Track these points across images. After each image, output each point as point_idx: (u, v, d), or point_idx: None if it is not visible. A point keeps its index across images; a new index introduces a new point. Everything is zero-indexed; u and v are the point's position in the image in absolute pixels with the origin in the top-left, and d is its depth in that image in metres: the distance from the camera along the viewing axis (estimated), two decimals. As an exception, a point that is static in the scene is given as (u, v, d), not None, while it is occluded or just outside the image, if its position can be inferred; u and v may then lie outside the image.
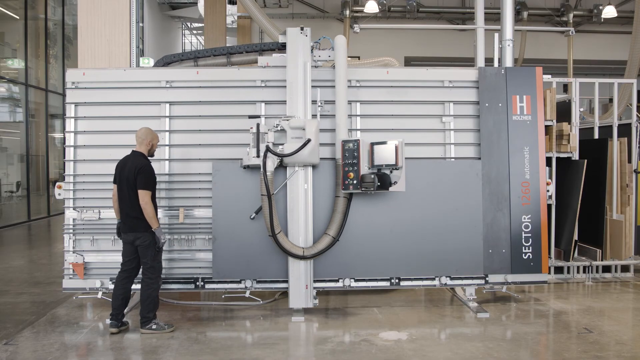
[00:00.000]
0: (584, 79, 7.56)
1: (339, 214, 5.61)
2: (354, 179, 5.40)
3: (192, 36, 27.72)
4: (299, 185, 5.63)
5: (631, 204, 7.37)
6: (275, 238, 5.43)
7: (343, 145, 5.50)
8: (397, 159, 5.29)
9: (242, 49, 6.38)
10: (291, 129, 5.53)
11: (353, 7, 16.91)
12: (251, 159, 5.44)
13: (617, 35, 17.82)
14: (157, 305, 5.19)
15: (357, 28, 9.71)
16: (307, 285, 5.62)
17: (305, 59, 5.72)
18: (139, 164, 5.09)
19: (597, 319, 5.53)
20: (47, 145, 15.12)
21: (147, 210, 5.02)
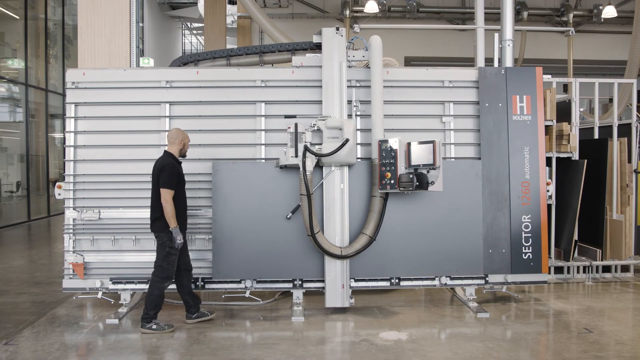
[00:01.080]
0: (584, 79, 7.56)
1: (375, 214, 5.62)
2: (391, 179, 5.42)
3: (192, 36, 27.73)
4: (335, 185, 5.65)
5: (631, 204, 7.37)
6: (315, 238, 5.45)
7: (380, 145, 5.52)
8: (435, 159, 5.28)
9: (275, 48, 6.40)
10: (327, 128, 5.56)
11: (353, 7, 16.92)
12: (289, 159, 5.46)
13: (617, 35, 17.82)
14: (159, 305, 5.19)
15: (357, 28, 9.70)
16: (343, 284, 5.65)
17: (340, 59, 5.76)
18: (163, 162, 5.16)
19: (597, 319, 5.53)
20: (47, 145, 15.12)
21: (166, 208, 5.04)
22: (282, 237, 5.75)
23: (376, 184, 5.58)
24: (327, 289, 5.67)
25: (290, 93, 5.97)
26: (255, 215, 5.76)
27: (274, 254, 5.75)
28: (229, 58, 6.42)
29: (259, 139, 5.92)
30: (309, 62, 5.96)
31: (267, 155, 5.91)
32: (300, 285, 5.80)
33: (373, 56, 5.73)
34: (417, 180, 5.30)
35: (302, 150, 5.37)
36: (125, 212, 5.84)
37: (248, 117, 5.95)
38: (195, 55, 6.51)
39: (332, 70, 5.74)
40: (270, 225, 5.75)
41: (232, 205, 5.75)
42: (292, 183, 5.76)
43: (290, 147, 5.48)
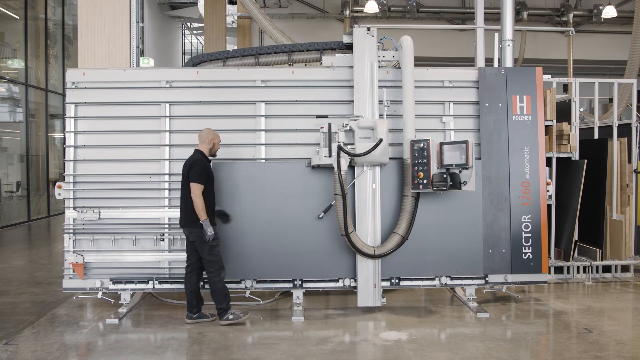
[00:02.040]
0: (584, 79, 7.56)
1: (407, 213, 5.63)
2: (423, 179, 5.44)
3: (192, 36, 27.75)
4: (367, 185, 5.66)
5: (631, 204, 7.37)
6: (349, 237, 5.46)
7: (412, 145, 5.54)
8: (468, 159, 5.29)
9: (304, 47, 6.42)
10: (359, 128, 5.57)
11: (353, 7, 16.92)
12: (322, 159, 5.46)
13: (617, 35, 17.82)
14: (227, 295, 5.33)
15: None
16: (375, 284, 5.66)
17: (372, 59, 5.78)
18: (193, 159, 5.30)
19: (597, 319, 5.53)
20: (47, 145, 15.12)
21: (196, 202, 5.14)
22: (284, 237, 5.75)
23: (408, 184, 5.61)
24: (359, 288, 5.68)
25: (290, 93, 5.97)
26: (256, 215, 5.76)
27: (273, 253, 5.74)
28: (257, 56, 6.43)
29: (259, 139, 5.92)
30: (340, 62, 5.98)
31: (267, 155, 5.91)
32: (300, 285, 5.80)
33: (405, 56, 5.76)
34: (450, 180, 5.32)
35: (336, 150, 5.37)
36: (125, 212, 5.84)
37: (248, 117, 5.95)
38: (224, 53, 6.50)
39: (364, 70, 5.77)
40: (270, 225, 5.75)
41: (232, 205, 5.74)
42: (294, 183, 5.76)
43: (324, 147, 5.48)
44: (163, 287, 5.83)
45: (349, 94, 5.91)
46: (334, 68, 5.97)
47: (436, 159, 5.47)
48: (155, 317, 5.64)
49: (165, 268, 5.82)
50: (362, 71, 5.77)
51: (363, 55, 5.78)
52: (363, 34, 5.80)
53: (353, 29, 5.86)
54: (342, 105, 5.95)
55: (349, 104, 5.91)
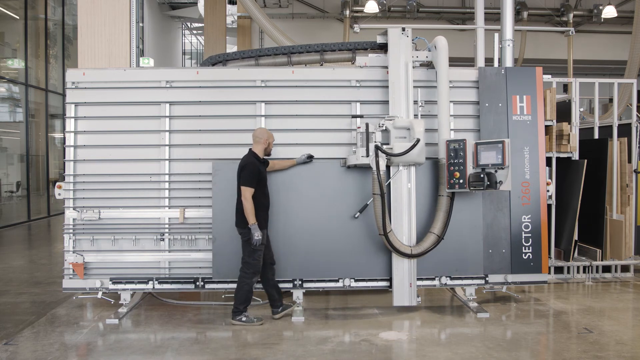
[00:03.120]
0: (584, 79, 7.56)
1: (443, 213, 5.65)
2: (459, 179, 5.46)
3: (192, 36, 27.76)
4: (403, 185, 5.68)
5: (631, 204, 7.37)
6: (387, 237, 5.47)
7: (448, 145, 5.57)
8: (505, 159, 5.31)
9: (336, 47, 6.44)
10: (395, 128, 5.57)
11: (353, 7, 16.91)
12: (359, 159, 5.46)
13: (617, 35, 17.82)
14: (248, 299, 5.38)
15: (357, 28, 9.70)
16: (410, 283, 5.67)
17: (406, 60, 5.79)
18: (245, 161, 5.31)
19: (597, 319, 5.54)
20: (47, 145, 15.13)
21: (245, 206, 5.18)
22: (284, 237, 5.75)
23: (443, 184, 5.62)
24: (395, 288, 5.70)
25: (290, 93, 5.97)
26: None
27: (274, 253, 5.74)
28: (290, 55, 6.43)
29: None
30: (373, 62, 6.00)
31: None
32: (301, 285, 5.80)
33: (439, 57, 5.77)
34: (487, 179, 5.35)
35: (374, 150, 5.38)
36: (125, 212, 5.84)
37: (248, 117, 5.95)
38: (256, 51, 6.48)
39: (399, 70, 5.78)
40: (272, 225, 5.74)
41: (232, 204, 5.74)
42: (296, 182, 5.76)
43: (361, 147, 5.48)
44: (163, 287, 5.83)
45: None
46: (365, 68, 5.99)
47: (472, 159, 5.48)
48: (155, 317, 5.64)
49: (165, 268, 5.82)
50: (397, 71, 5.79)
51: (398, 56, 5.80)
52: (398, 34, 5.82)
53: (388, 29, 5.87)
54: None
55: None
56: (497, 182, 5.37)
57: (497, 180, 5.38)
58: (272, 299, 5.51)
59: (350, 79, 5.99)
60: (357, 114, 5.86)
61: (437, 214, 5.69)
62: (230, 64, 6.36)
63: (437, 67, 5.80)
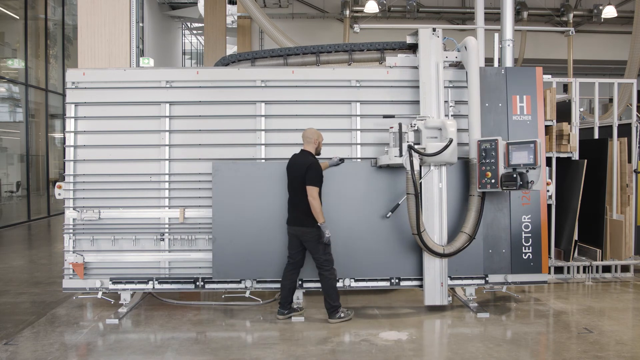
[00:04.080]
0: (584, 79, 7.56)
1: (474, 212, 5.66)
2: (491, 178, 5.49)
3: (192, 36, 27.75)
4: (434, 185, 5.70)
5: (631, 204, 7.37)
6: (420, 236, 5.48)
7: (479, 144, 5.59)
8: (537, 159, 5.32)
9: (364, 47, 6.47)
10: (426, 128, 5.58)
11: (353, 7, 16.92)
12: (392, 158, 5.48)
13: (617, 35, 17.83)
14: (338, 294, 5.42)
15: (357, 28, 9.73)
16: (442, 283, 5.69)
17: (437, 60, 5.82)
18: (308, 160, 5.34)
19: (597, 319, 5.53)
20: (47, 145, 15.13)
21: (314, 205, 5.21)
22: (284, 238, 5.74)
23: (475, 183, 5.65)
24: (426, 287, 5.71)
25: (290, 93, 5.97)
26: (256, 214, 5.76)
27: (274, 253, 5.74)
28: (318, 55, 6.46)
29: (259, 139, 5.92)
30: (403, 63, 6.02)
31: (267, 156, 5.91)
32: (300, 285, 5.80)
33: (470, 57, 5.78)
34: (519, 179, 5.37)
35: (407, 150, 5.40)
36: (125, 212, 5.84)
37: (248, 117, 5.95)
38: (285, 50, 6.52)
39: (429, 70, 5.81)
40: (272, 225, 5.75)
41: (232, 204, 5.75)
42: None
43: (394, 147, 5.50)
44: (163, 287, 5.83)
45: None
46: (393, 68, 6.01)
47: (503, 159, 5.50)
48: (155, 317, 5.64)
49: (165, 268, 5.83)
50: (427, 71, 5.81)
51: (429, 56, 5.82)
52: (429, 35, 5.85)
53: (419, 30, 5.90)
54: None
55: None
56: (528, 181, 5.40)
57: (528, 180, 5.40)
58: (285, 300, 5.50)
59: (350, 79, 6.00)
60: (388, 115, 5.87)
61: (468, 214, 5.72)
62: (259, 62, 6.45)
63: (468, 67, 5.81)
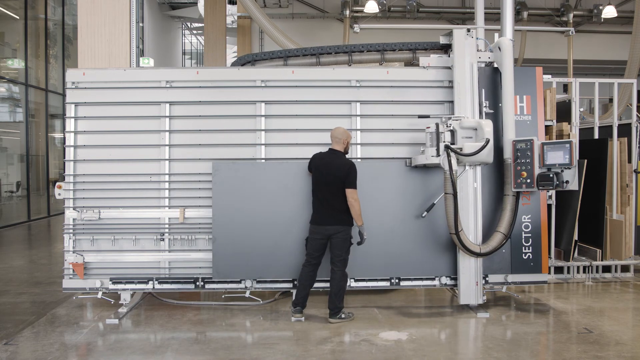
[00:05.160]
0: (584, 79, 7.55)
1: (509, 212, 5.68)
2: (527, 178, 5.52)
3: (192, 36, 27.75)
4: (469, 184, 5.73)
5: (631, 204, 7.36)
6: (458, 236, 5.50)
7: (514, 145, 5.62)
8: (572, 158, 5.37)
9: (397, 47, 6.52)
10: (461, 128, 5.59)
11: (353, 7, 16.92)
12: (429, 158, 5.50)
13: (617, 35, 17.83)
14: (344, 296, 5.45)
15: (357, 28, 9.71)
16: (477, 282, 5.71)
17: (472, 60, 5.85)
18: (348, 162, 5.38)
19: (597, 319, 5.54)
20: (47, 145, 15.13)
21: (356, 207, 5.28)
22: (284, 238, 5.75)
23: (509, 183, 5.66)
24: (461, 286, 5.73)
25: (290, 93, 5.97)
26: (256, 214, 5.76)
27: (274, 253, 5.74)
28: (350, 54, 6.50)
29: (259, 139, 5.92)
30: (436, 63, 6.05)
31: (267, 156, 5.92)
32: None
33: (504, 58, 5.80)
34: (557, 179, 5.41)
35: (444, 150, 5.42)
36: (125, 212, 5.84)
37: (248, 117, 5.95)
38: (318, 49, 6.55)
39: (464, 71, 5.84)
40: (272, 225, 5.75)
41: (232, 204, 5.74)
42: (296, 182, 5.75)
43: (430, 147, 5.52)
44: (163, 287, 5.83)
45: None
46: (428, 68, 6.04)
47: (538, 159, 5.53)
48: (155, 317, 5.64)
49: (165, 268, 5.83)
50: (462, 72, 5.84)
51: (463, 56, 5.85)
52: (463, 35, 5.88)
53: (453, 30, 5.92)
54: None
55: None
56: (564, 181, 5.43)
57: (564, 180, 5.44)
58: (302, 299, 5.45)
59: (349, 79, 6.00)
60: (423, 114, 5.89)
61: (502, 213, 5.73)
62: (291, 60, 6.52)
63: (502, 68, 5.82)
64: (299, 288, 5.48)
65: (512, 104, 5.76)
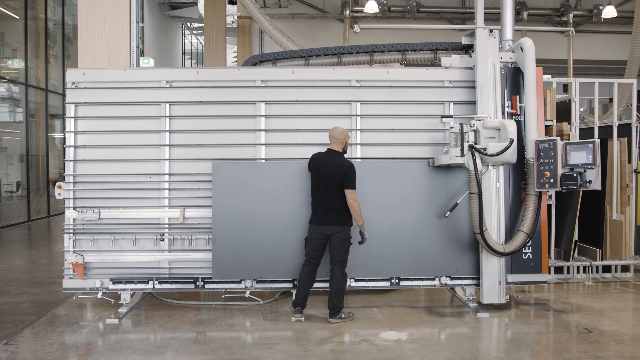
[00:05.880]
0: (584, 79, 7.55)
1: (531, 212, 5.71)
2: (550, 178, 5.54)
3: (192, 36, 27.75)
4: (492, 184, 5.75)
5: (631, 204, 7.36)
6: (483, 235, 5.52)
7: (537, 144, 5.64)
8: (595, 158, 5.39)
9: (419, 47, 6.55)
10: (485, 128, 5.62)
11: (353, 7, 16.91)
12: (454, 158, 5.52)
13: (617, 35, 17.82)
14: (344, 296, 5.45)
15: (357, 28, 9.71)
16: (500, 281, 5.72)
17: (494, 60, 5.88)
18: (346, 162, 5.35)
19: (597, 319, 5.54)
20: (47, 145, 15.13)
21: (355, 207, 5.28)
22: (284, 238, 5.74)
23: (532, 183, 5.69)
24: (485, 285, 5.74)
25: (290, 93, 5.97)
26: (256, 214, 5.76)
27: (274, 254, 5.74)
28: (372, 54, 6.53)
29: (259, 139, 5.92)
30: (458, 63, 6.06)
31: (267, 156, 5.92)
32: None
33: (527, 59, 5.83)
34: (580, 179, 5.44)
35: (468, 150, 5.44)
36: (125, 212, 5.84)
37: (248, 117, 5.95)
38: (340, 49, 6.58)
39: (487, 71, 5.85)
40: (272, 225, 5.74)
41: (232, 204, 5.74)
42: (296, 182, 5.75)
43: (455, 147, 5.54)
44: (163, 287, 5.83)
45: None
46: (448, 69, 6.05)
47: (561, 159, 5.55)
48: (155, 317, 5.64)
49: (165, 268, 5.83)
50: (485, 72, 5.85)
51: (486, 57, 5.87)
52: (486, 36, 5.90)
53: (476, 31, 5.94)
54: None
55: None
56: (587, 181, 5.46)
57: (587, 180, 5.46)
58: (302, 299, 5.44)
59: (350, 79, 6.00)
60: (447, 114, 5.92)
61: (525, 213, 5.75)
62: (313, 60, 6.53)
63: (525, 68, 5.84)
64: (298, 288, 5.47)
65: (534, 104, 5.78)
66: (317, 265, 5.48)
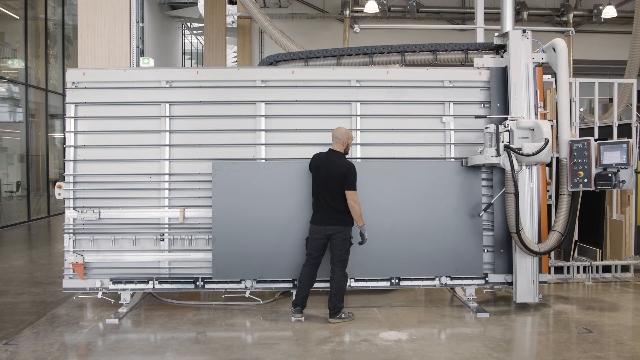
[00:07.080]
0: (584, 79, 7.55)
1: (564, 211, 5.76)
2: (584, 178, 5.60)
3: (192, 36, 27.76)
4: (525, 184, 5.76)
5: (631, 204, 7.36)
6: (519, 235, 5.54)
7: (571, 144, 5.71)
8: (630, 158, 5.44)
9: (450, 47, 6.60)
10: (518, 129, 5.65)
11: (353, 7, 16.93)
12: (489, 158, 5.54)
13: (617, 35, 17.83)
14: (344, 296, 5.46)
15: (357, 28, 9.74)
16: (533, 280, 5.75)
17: (527, 61, 5.90)
18: (347, 163, 5.34)
19: (597, 319, 5.53)
20: (47, 145, 15.13)
21: (356, 208, 5.27)
22: (284, 238, 5.74)
23: (565, 183, 5.74)
24: (518, 284, 5.77)
25: (290, 93, 5.98)
26: (256, 214, 5.76)
27: (274, 253, 5.74)
28: (403, 54, 6.60)
29: (259, 139, 5.93)
30: (490, 64, 6.09)
31: (267, 156, 5.92)
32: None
33: (559, 59, 5.89)
34: (615, 179, 5.48)
35: (504, 150, 5.46)
36: (125, 212, 5.84)
37: (248, 117, 5.96)
38: (372, 48, 6.61)
39: (520, 71, 5.87)
40: (272, 225, 5.74)
41: (232, 204, 5.74)
42: (296, 182, 5.76)
43: (490, 147, 5.56)
44: (163, 287, 5.84)
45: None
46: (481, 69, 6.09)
47: (595, 159, 5.58)
48: (155, 317, 5.64)
49: (165, 268, 5.83)
50: (518, 73, 5.88)
51: (519, 57, 5.89)
52: (519, 37, 5.92)
53: (509, 32, 5.98)
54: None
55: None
56: (620, 181, 5.50)
57: (620, 180, 5.50)
58: (302, 299, 5.44)
59: (350, 79, 6.00)
60: (480, 115, 5.94)
61: (558, 212, 5.82)
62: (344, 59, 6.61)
63: (557, 69, 5.90)
64: (299, 288, 5.48)
65: (567, 105, 5.84)
66: (317, 266, 5.47)
